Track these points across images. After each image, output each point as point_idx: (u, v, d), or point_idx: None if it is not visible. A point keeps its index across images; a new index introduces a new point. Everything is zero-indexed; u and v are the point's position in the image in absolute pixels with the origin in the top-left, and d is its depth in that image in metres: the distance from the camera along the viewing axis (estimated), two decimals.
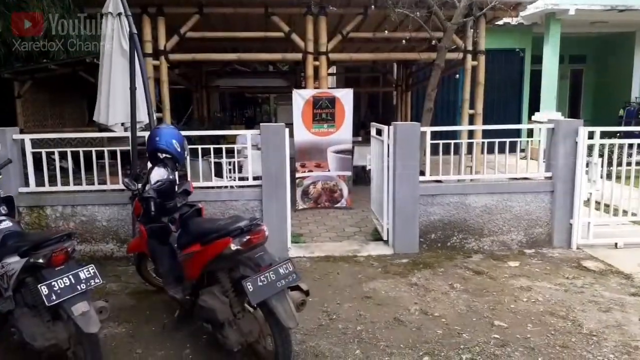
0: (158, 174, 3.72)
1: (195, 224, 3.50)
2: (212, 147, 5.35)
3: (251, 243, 3.02)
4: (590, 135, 5.56)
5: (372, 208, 6.58)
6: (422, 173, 5.60)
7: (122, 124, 5.24)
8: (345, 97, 7.54)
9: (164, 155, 3.88)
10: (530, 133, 12.47)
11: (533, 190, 5.70)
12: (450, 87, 12.87)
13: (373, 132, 6.42)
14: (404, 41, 7.36)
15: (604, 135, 5.73)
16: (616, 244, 5.65)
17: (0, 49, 12.10)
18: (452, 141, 5.71)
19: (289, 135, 5.42)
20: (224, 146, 5.43)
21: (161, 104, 7.59)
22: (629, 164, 5.85)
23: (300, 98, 7.43)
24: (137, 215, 3.89)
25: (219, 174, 7.05)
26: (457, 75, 8.93)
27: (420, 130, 5.46)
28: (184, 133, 5.05)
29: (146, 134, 4.37)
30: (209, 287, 3.23)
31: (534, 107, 12.83)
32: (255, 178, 5.44)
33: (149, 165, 3.92)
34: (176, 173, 4.16)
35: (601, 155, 5.65)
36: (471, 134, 7.49)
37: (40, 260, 2.91)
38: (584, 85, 15.82)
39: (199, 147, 5.25)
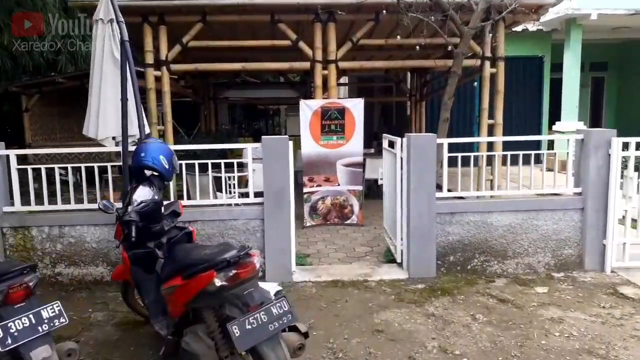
0: (142, 194, 3.32)
1: (179, 253, 3.08)
2: (209, 162, 4.94)
3: (238, 278, 2.59)
4: (624, 147, 5.06)
5: (385, 226, 6.11)
6: (439, 188, 5.14)
7: (113, 138, 4.88)
8: (356, 107, 7.12)
9: (150, 172, 3.50)
10: (550, 144, 11.95)
11: (561, 208, 5.19)
12: (467, 96, 12.41)
13: (385, 144, 5.98)
14: (417, 47, 6.91)
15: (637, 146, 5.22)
16: None
17: (7, 62, 11.98)
18: (472, 154, 5.24)
19: (297, 148, 5.01)
20: (222, 161, 5.02)
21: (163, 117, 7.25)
22: None
23: (308, 109, 7.03)
24: (118, 240, 3.48)
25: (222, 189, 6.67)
26: (475, 83, 8.45)
27: (436, 142, 5.01)
28: (177, 147, 4.67)
29: None
30: (194, 326, 2.80)
31: (554, 116, 12.28)
32: (258, 195, 5.02)
33: (134, 183, 3.52)
34: (171, 191, 3.77)
35: (637, 169, 5.13)
36: (490, 145, 7.02)
37: None
38: (605, 93, 15.21)
39: (196, 162, 4.85)
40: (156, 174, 3.48)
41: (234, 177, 6.47)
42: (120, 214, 3.24)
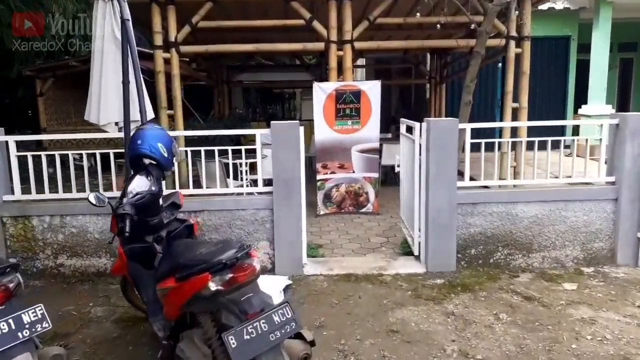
0: (138, 185, 3.07)
1: (176, 249, 2.84)
2: (216, 148, 4.69)
3: (235, 282, 2.33)
4: None
5: (402, 216, 5.81)
6: (460, 175, 4.81)
7: (116, 124, 4.64)
8: (372, 90, 6.77)
9: (148, 161, 3.25)
10: (575, 129, 11.43)
11: (593, 198, 4.83)
12: (489, 78, 11.89)
13: (403, 129, 5.65)
14: (438, 26, 6.50)
15: None
16: None
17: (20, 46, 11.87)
18: (496, 140, 4.89)
19: (312, 133, 4.69)
20: (230, 147, 4.76)
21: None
22: None
23: (322, 92, 6.71)
24: (113, 233, 3.25)
25: (234, 176, 6.44)
26: (500, 64, 8.01)
27: (458, 127, 4.67)
28: (180, 134, 4.45)
29: None
30: (190, 331, 2.56)
31: (579, 99, 11.73)
32: (269, 183, 4.75)
33: (131, 173, 3.28)
34: (161, 182, 3.52)
35: None
36: (513, 130, 6.63)
37: None
38: (634, 75, 14.52)
39: (202, 149, 4.61)
40: (154, 162, 3.23)
41: (245, 163, 6.26)
42: (114, 206, 2.99)
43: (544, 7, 10.12)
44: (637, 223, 4.77)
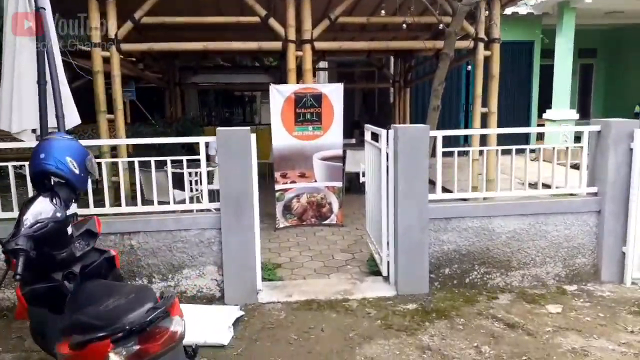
0: (38, 210, 2.42)
1: (82, 296, 2.20)
2: (152, 159, 4.03)
3: (145, 355, 1.73)
4: None
5: (368, 230, 5.29)
6: (430, 182, 4.32)
7: (33, 131, 3.94)
8: (334, 93, 6.26)
9: (56, 179, 2.61)
10: (539, 135, 11.25)
11: (574, 211, 4.44)
12: (453, 82, 11.60)
13: (367, 136, 5.15)
14: (404, 26, 6.05)
15: None
16: None
17: None
18: (470, 148, 4.46)
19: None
20: (168, 158, 4.13)
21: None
22: None
23: (279, 94, 6.15)
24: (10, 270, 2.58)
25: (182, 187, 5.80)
26: (470, 67, 7.65)
27: (429, 135, 4.19)
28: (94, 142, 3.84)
29: None
30: None
31: (543, 104, 11.60)
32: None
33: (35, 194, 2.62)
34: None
35: None
36: (482, 136, 6.24)
37: None
38: (594, 80, 14.63)
39: (136, 159, 3.97)
40: (62, 182, 2.59)
41: (194, 174, 5.67)
42: (5, 240, 2.33)
43: (507, 11, 9.88)
44: (621, 237, 4.41)
